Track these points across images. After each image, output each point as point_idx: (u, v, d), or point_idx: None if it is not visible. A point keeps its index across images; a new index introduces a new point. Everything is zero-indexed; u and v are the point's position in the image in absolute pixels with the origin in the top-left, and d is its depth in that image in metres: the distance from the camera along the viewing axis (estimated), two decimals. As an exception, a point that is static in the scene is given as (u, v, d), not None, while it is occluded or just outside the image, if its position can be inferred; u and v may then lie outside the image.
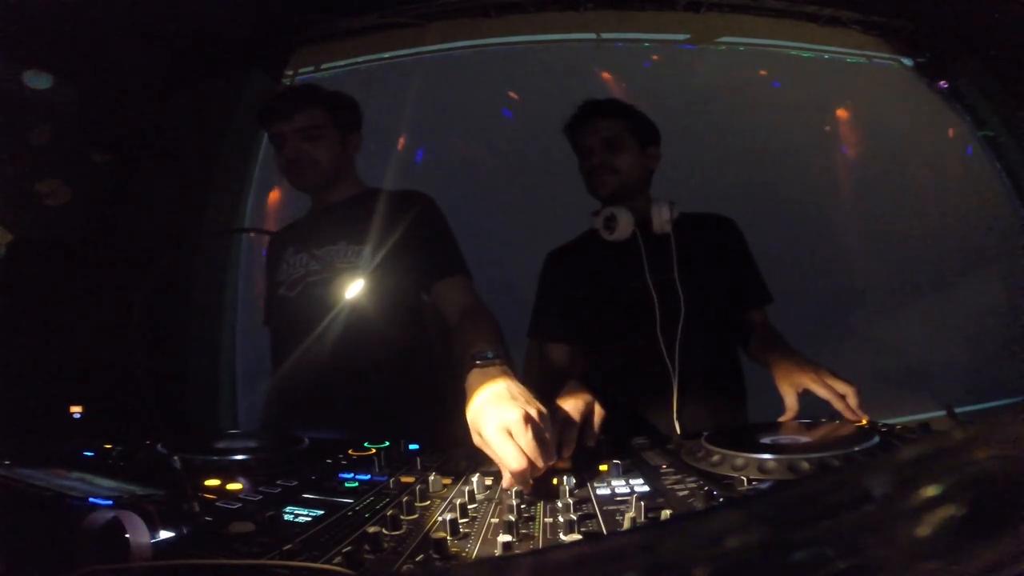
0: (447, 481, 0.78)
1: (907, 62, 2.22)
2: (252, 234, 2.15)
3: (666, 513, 0.62)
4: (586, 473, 0.79)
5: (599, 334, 1.41)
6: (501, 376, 0.83)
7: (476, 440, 0.78)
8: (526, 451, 0.71)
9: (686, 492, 0.70)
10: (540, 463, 0.72)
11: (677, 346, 1.28)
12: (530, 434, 0.72)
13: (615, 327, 1.39)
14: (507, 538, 0.56)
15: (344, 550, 0.54)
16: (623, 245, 1.38)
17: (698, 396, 1.30)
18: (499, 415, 0.74)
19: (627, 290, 1.37)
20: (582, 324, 1.41)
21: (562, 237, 1.55)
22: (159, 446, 0.95)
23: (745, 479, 0.70)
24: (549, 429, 0.77)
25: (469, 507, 0.66)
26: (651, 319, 1.31)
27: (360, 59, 2.26)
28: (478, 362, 0.87)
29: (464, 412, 0.82)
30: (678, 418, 1.25)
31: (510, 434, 0.72)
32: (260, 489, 0.77)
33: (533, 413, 0.75)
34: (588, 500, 0.69)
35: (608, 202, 1.42)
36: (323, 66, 2.26)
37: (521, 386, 0.82)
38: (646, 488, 0.73)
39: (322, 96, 1.41)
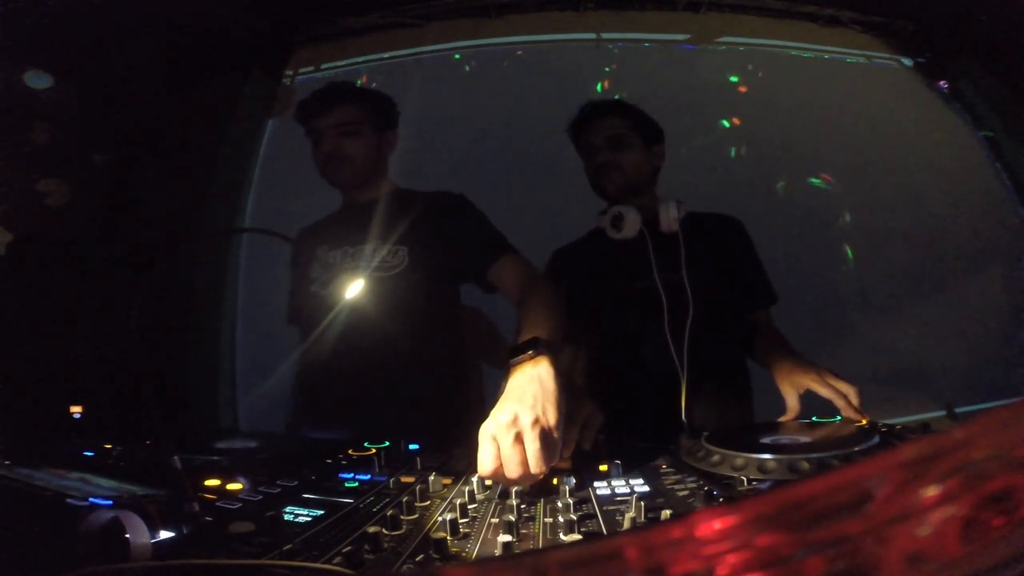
0: (447, 481, 0.78)
1: (907, 62, 2.22)
2: (252, 234, 2.15)
3: (666, 513, 0.62)
4: (586, 473, 0.79)
5: (606, 333, 1.41)
6: (531, 370, 0.81)
7: None
8: (502, 459, 0.71)
9: (686, 492, 0.70)
10: (510, 474, 0.70)
11: (686, 345, 1.28)
12: (508, 442, 0.71)
13: (622, 326, 1.39)
14: (507, 538, 0.56)
15: (344, 550, 0.54)
16: (630, 244, 1.38)
17: (706, 395, 1.30)
18: (494, 417, 0.75)
19: (634, 289, 1.37)
20: (588, 323, 1.41)
21: (567, 236, 1.55)
22: (159, 446, 0.94)
23: (745, 479, 0.70)
24: (550, 437, 0.73)
25: (469, 507, 0.66)
26: (659, 318, 1.31)
27: (360, 59, 2.26)
28: (511, 361, 0.85)
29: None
30: (686, 417, 1.25)
31: (495, 440, 0.72)
32: (260, 489, 0.77)
33: (528, 421, 0.73)
34: (588, 500, 0.69)
35: (614, 201, 1.41)
36: (323, 66, 2.25)
37: (546, 382, 0.79)
38: (646, 488, 0.73)
39: (361, 93, 1.44)
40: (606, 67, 2.35)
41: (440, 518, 0.64)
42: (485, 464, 0.71)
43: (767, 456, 0.74)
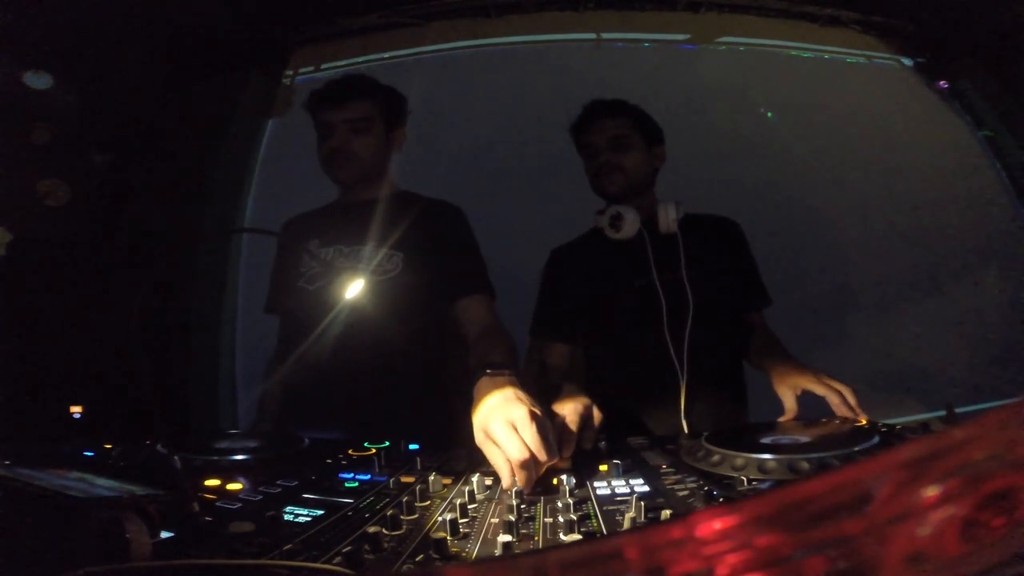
0: (447, 481, 0.78)
1: (907, 62, 2.23)
2: (252, 234, 2.15)
3: (666, 513, 0.62)
4: (586, 473, 0.79)
5: (603, 333, 1.41)
6: (508, 385, 0.86)
7: (479, 438, 0.79)
8: (530, 444, 0.73)
9: (686, 492, 0.70)
10: (542, 456, 0.74)
11: (685, 346, 1.28)
12: (534, 428, 0.74)
13: (620, 326, 1.39)
14: (507, 538, 0.56)
15: (344, 550, 0.54)
16: (628, 244, 1.38)
17: (704, 396, 1.30)
18: (506, 412, 0.77)
19: (632, 289, 1.37)
20: (586, 323, 1.41)
21: (566, 236, 1.55)
22: (159, 446, 0.94)
23: (745, 479, 0.70)
24: (550, 431, 0.79)
25: (469, 507, 0.66)
26: (657, 318, 1.31)
27: (360, 59, 2.26)
28: (488, 371, 0.90)
29: (468, 414, 0.84)
30: (685, 416, 1.25)
31: (515, 429, 0.75)
32: (260, 489, 0.77)
33: (541, 412, 0.78)
34: (588, 500, 0.69)
35: (614, 201, 1.42)
36: (323, 66, 2.25)
37: (526, 394, 0.84)
38: (646, 488, 0.73)
39: (375, 89, 1.40)
40: (606, 67, 2.35)
41: (440, 518, 0.64)
42: (516, 449, 0.73)
43: (767, 456, 0.74)
